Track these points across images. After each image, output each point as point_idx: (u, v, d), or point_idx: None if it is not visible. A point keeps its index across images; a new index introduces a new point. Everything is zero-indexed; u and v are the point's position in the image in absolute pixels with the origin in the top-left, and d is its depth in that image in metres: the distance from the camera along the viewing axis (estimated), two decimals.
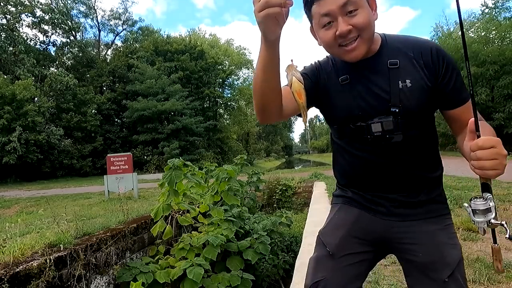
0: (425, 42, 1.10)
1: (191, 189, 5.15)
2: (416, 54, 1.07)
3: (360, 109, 1.10)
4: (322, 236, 1.27)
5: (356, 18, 0.99)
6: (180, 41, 32.16)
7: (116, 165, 8.19)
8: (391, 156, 1.11)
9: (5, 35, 21.91)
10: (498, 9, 22.13)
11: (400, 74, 1.06)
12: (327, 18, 1.01)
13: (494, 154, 0.85)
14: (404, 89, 1.05)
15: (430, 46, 1.07)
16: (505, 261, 2.64)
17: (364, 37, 1.02)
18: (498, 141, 0.86)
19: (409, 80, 1.05)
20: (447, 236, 1.12)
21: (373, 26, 1.03)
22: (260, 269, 5.06)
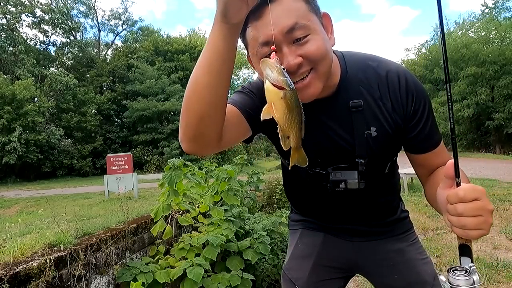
0: (393, 71, 0.86)
1: (191, 189, 5.15)
2: (382, 91, 0.85)
3: (318, 155, 0.91)
4: (288, 272, 1.20)
5: (307, 47, 0.74)
6: (180, 41, 32.16)
7: (116, 165, 8.20)
8: (353, 199, 0.99)
9: (5, 35, 21.90)
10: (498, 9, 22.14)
11: (364, 120, 0.86)
12: (267, 48, 0.74)
13: (478, 209, 0.65)
14: (369, 139, 0.87)
15: (399, 78, 0.85)
16: (505, 261, 2.64)
17: (319, 71, 0.76)
18: (482, 191, 0.66)
19: (375, 128, 0.86)
20: (417, 252, 1.09)
21: (330, 56, 0.78)
22: (260, 269, 5.06)
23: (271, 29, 0.71)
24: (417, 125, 0.87)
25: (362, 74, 0.87)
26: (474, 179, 7.34)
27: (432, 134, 0.88)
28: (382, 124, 0.87)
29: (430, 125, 0.88)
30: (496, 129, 19.83)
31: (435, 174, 0.89)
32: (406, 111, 0.86)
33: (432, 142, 0.89)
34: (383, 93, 0.86)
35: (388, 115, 0.86)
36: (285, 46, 0.73)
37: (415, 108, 0.85)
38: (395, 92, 0.85)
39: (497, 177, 7.60)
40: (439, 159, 0.88)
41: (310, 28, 0.74)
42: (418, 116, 0.86)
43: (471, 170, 9.57)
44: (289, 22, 0.71)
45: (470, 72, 18.71)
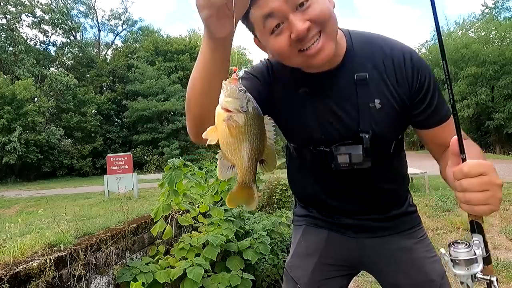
0: (397, 48, 0.88)
1: (191, 189, 5.15)
2: (388, 66, 0.86)
3: (322, 132, 0.90)
4: (290, 270, 1.13)
5: (312, 10, 0.73)
6: (180, 41, 32.16)
7: (116, 165, 8.20)
8: (357, 181, 0.97)
9: (5, 35, 21.91)
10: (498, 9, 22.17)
11: (369, 92, 0.86)
12: (273, 20, 0.74)
13: (484, 184, 0.63)
14: (373, 111, 0.86)
15: (403, 55, 0.86)
16: (505, 261, 2.64)
17: (328, 31, 0.76)
18: (489, 166, 0.65)
19: (379, 100, 0.85)
20: (424, 250, 1.05)
21: (334, 15, 0.78)
22: (260, 269, 5.06)
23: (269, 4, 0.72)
24: (423, 100, 0.87)
25: (368, 49, 0.87)
26: None
27: (439, 108, 0.88)
28: (387, 97, 0.86)
29: (437, 99, 0.87)
30: (496, 129, 19.84)
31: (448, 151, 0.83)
32: (411, 87, 0.86)
33: (440, 116, 0.88)
34: (388, 68, 0.86)
35: (393, 89, 0.86)
36: (290, 14, 0.73)
37: (420, 83, 0.86)
38: (401, 67, 0.86)
39: None
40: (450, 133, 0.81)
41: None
42: (424, 91, 0.86)
43: None
44: None
45: (470, 72, 18.72)
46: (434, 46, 23.89)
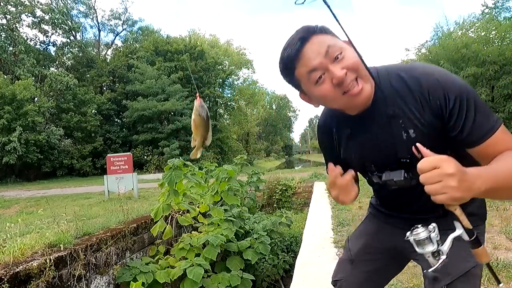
0: (425, 77, 0.94)
1: (191, 189, 5.14)
2: (414, 98, 0.94)
3: (371, 162, 1.06)
4: (349, 241, 1.36)
5: (346, 60, 0.91)
6: (180, 41, 32.16)
7: (116, 165, 8.20)
8: (414, 194, 1.05)
9: (5, 35, 21.91)
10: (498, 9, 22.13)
11: (402, 124, 0.96)
12: (316, 73, 0.92)
13: (436, 176, 0.74)
14: (409, 140, 0.95)
15: (433, 83, 0.91)
16: (505, 261, 2.64)
17: (362, 76, 0.92)
18: (440, 159, 0.75)
19: (412, 130, 0.95)
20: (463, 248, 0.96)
21: (362, 65, 0.93)
22: (260, 269, 5.06)
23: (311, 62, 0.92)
24: (457, 123, 0.90)
25: (394, 84, 0.97)
26: None
27: (478, 126, 0.89)
28: (417, 126, 0.94)
29: (474, 118, 0.89)
30: None
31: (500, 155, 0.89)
32: (441, 112, 0.91)
33: (481, 134, 0.89)
34: (415, 100, 0.94)
35: (421, 117, 0.94)
36: (330, 65, 0.91)
37: (449, 108, 0.90)
38: (426, 98, 0.92)
39: None
40: (499, 147, 0.87)
41: (341, 47, 0.92)
42: (456, 114, 0.89)
43: None
44: (323, 49, 0.91)
45: (470, 72, 18.68)
46: (434, 46, 23.88)
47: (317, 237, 3.83)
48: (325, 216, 4.90)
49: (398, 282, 2.48)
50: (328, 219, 4.62)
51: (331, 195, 1.09)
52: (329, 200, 6.26)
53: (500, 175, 0.82)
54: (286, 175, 10.59)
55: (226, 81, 37.79)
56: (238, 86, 39.66)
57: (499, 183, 0.82)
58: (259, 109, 50.22)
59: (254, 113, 48.46)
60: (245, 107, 41.78)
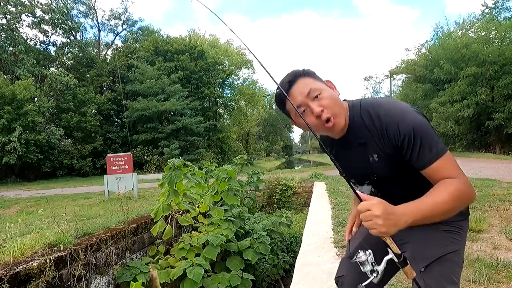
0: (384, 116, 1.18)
1: (191, 189, 5.15)
2: (376, 130, 1.20)
3: (351, 176, 1.31)
4: (350, 240, 1.52)
5: (323, 100, 1.19)
6: (180, 41, 32.14)
7: (116, 165, 8.19)
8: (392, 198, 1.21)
9: (5, 35, 21.91)
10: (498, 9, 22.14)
11: (368, 150, 1.24)
12: (301, 108, 1.21)
13: (368, 216, 1.00)
14: (374, 162, 1.24)
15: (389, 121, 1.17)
16: (505, 261, 2.64)
17: (335, 113, 1.20)
18: (372, 204, 1.01)
19: (376, 155, 1.23)
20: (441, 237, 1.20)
21: (339, 100, 1.24)
22: (260, 269, 5.06)
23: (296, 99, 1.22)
24: (407, 153, 1.15)
25: (363, 118, 1.23)
26: (474, 179, 7.33)
27: (422, 156, 1.13)
28: (379, 152, 1.22)
29: (419, 150, 1.13)
30: (496, 129, 19.81)
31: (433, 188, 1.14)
32: (395, 143, 1.16)
33: (424, 162, 1.13)
34: (377, 133, 1.20)
35: (382, 146, 1.20)
36: (310, 102, 1.20)
37: (400, 141, 1.15)
38: (382, 130, 1.18)
39: (497, 177, 7.60)
40: (440, 173, 1.12)
41: (320, 89, 1.21)
42: (406, 146, 1.14)
43: (471, 170, 9.56)
44: (306, 90, 1.20)
45: (470, 72, 18.69)
46: (434, 46, 23.87)
47: (317, 237, 3.83)
48: (325, 216, 4.90)
49: (398, 282, 2.49)
50: (328, 219, 4.62)
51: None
52: (329, 200, 6.26)
53: (425, 208, 1.06)
54: (286, 175, 10.58)
55: (226, 81, 37.78)
56: (238, 86, 39.64)
57: (424, 215, 1.06)
58: (259, 109, 50.17)
59: (254, 113, 48.44)
60: (245, 107, 41.76)
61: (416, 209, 1.06)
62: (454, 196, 1.08)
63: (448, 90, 20.15)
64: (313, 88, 1.20)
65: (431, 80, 23.00)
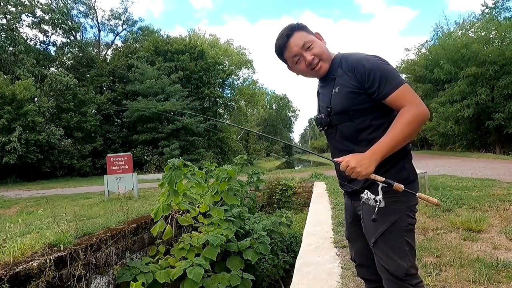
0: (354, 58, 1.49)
1: (191, 189, 5.15)
2: (347, 67, 1.49)
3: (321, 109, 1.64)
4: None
5: (313, 50, 1.52)
6: (180, 41, 32.14)
7: (116, 165, 8.19)
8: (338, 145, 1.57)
9: (5, 35, 21.90)
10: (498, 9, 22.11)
11: (334, 83, 1.53)
12: (296, 57, 1.55)
13: (349, 170, 1.38)
14: (335, 94, 1.52)
15: (355, 60, 1.47)
16: (505, 261, 2.64)
17: (323, 59, 1.54)
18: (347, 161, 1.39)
19: (338, 88, 1.51)
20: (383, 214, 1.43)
21: (326, 50, 1.56)
22: (260, 269, 5.06)
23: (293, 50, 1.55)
24: (372, 86, 1.41)
25: (340, 62, 1.54)
26: (474, 179, 7.34)
27: (384, 87, 1.40)
28: (343, 85, 1.49)
29: (380, 83, 1.40)
30: (496, 129, 19.80)
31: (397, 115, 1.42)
32: (361, 79, 1.43)
33: (385, 92, 1.39)
34: (347, 68, 1.49)
35: (348, 79, 1.47)
36: (304, 53, 1.53)
37: (366, 76, 1.42)
38: (352, 68, 1.46)
39: (497, 177, 7.59)
40: (400, 102, 1.39)
41: (311, 41, 1.53)
42: (371, 81, 1.41)
43: (471, 170, 9.56)
44: (301, 42, 1.53)
45: (470, 72, 18.68)
46: (434, 47, 23.86)
47: (317, 237, 3.83)
48: (325, 216, 4.90)
49: None
50: (328, 219, 4.62)
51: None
52: (329, 200, 6.26)
53: (388, 142, 1.35)
54: (286, 175, 10.58)
55: (226, 81, 37.77)
56: (238, 86, 39.64)
57: (389, 147, 1.35)
58: (259, 109, 50.20)
59: (254, 113, 48.44)
60: (245, 107, 41.76)
61: (380, 146, 1.36)
62: (408, 121, 1.34)
63: (448, 90, 20.14)
64: (306, 40, 1.52)
65: (431, 80, 23.00)
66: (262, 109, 52.76)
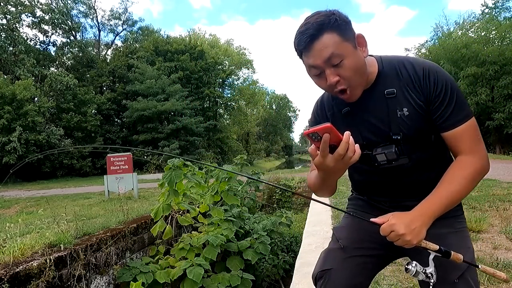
0: (419, 66, 1.08)
1: (191, 189, 5.15)
2: (411, 81, 1.07)
3: (364, 138, 1.13)
4: (335, 231, 1.33)
5: (343, 70, 1.01)
6: (180, 41, 32.17)
7: (116, 165, 8.18)
8: (401, 177, 1.16)
9: (5, 35, 21.90)
10: (498, 9, 22.13)
11: (397, 103, 1.08)
12: (315, 70, 1.04)
13: (394, 236, 1.00)
14: (403, 117, 1.08)
15: (423, 69, 1.07)
16: (505, 261, 2.64)
17: (353, 85, 1.04)
18: (391, 225, 1.00)
19: (406, 109, 1.07)
20: (459, 239, 1.12)
21: (363, 68, 1.05)
22: (260, 269, 5.06)
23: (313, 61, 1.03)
24: (441, 105, 1.05)
25: (395, 68, 1.10)
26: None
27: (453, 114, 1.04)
28: (413, 105, 1.07)
29: (453, 107, 1.04)
30: (496, 129, 19.82)
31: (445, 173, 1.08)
32: (429, 94, 1.05)
33: (453, 121, 1.04)
34: (411, 81, 1.07)
35: (416, 98, 1.07)
36: (327, 69, 1.02)
37: (436, 92, 1.04)
38: (420, 80, 1.06)
39: (497, 177, 7.59)
40: (461, 143, 1.04)
41: (343, 54, 1.00)
42: (440, 100, 1.04)
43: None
44: (326, 54, 1.00)
45: (470, 72, 18.71)
46: (434, 46, 23.88)
47: (317, 237, 3.82)
48: (325, 216, 4.90)
49: (398, 282, 2.48)
50: (328, 219, 4.62)
51: (321, 174, 1.05)
52: (328, 200, 6.26)
53: (442, 201, 1.03)
54: (286, 175, 10.58)
55: (226, 81, 37.80)
56: (238, 86, 39.66)
57: (442, 207, 1.03)
58: (259, 109, 50.24)
59: (254, 113, 48.46)
60: (245, 107, 41.79)
61: (433, 205, 1.03)
62: (469, 179, 1.04)
63: None
64: (335, 53, 0.99)
65: None
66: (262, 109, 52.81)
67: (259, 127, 52.96)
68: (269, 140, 65.76)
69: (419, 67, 1.08)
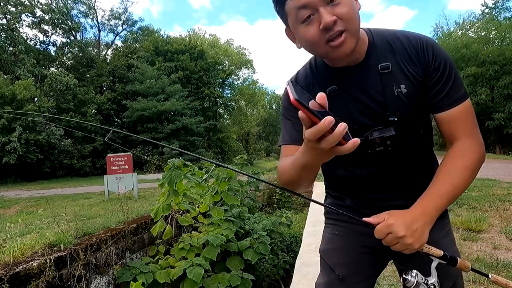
0: (415, 38, 0.96)
1: (191, 189, 5.14)
2: (407, 54, 0.94)
3: (355, 122, 0.96)
4: (325, 257, 1.14)
5: (340, 8, 0.83)
6: (180, 41, 32.16)
7: (116, 165, 8.19)
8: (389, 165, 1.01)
9: (5, 35, 21.89)
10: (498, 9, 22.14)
11: (393, 79, 0.93)
12: (305, 11, 0.84)
13: (393, 239, 0.85)
14: (400, 96, 0.93)
15: (419, 42, 0.95)
16: (505, 261, 2.64)
17: (350, 30, 0.85)
18: (389, 226, 0.85)
19: (404, 86, 0.93)
20: (449, 244, 1.04)
21: (358, 17, 0.88)
22: (260, 269, 5.06)
23: None
24: (438, 82, 0.93)
25: (388, 41, 0.96)
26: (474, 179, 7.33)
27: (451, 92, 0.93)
28: (411, 80, 0.94)
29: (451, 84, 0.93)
30: (496, 129, 19.82)
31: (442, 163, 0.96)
32: (427, 67, 0.93)
33: (451, 100, 0.93)
34: (407, 54, 0.94)
35: (414, 72, 0.94)
36: (321, 7, 0.83)
37: (434, 66, 0.92)
38: (418, 52, 0.94)
39: (497, 177, 7.59)
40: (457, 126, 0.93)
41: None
42: (438, 75, 0.92)
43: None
44: None
45: (470, 72, 18.72)
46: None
47: (317, 237, 3.82)
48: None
49: (398, 282, 2.48)
50: None
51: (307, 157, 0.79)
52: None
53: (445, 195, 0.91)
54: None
55: (226, 81, 37.79)
56: (238, 86, 39.65)
57: (446, 202, 0.91)
58: (259, 109, 50.21)
59: (254, 113, 48.45)
60: (245, 107, 41.78)
61: (434, 201, 0.90)
62: (472, 169, 0.93)
63: None
64: None
65: None
66: (262, 109, 52.78)
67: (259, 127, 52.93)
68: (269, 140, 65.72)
69: (414, 39, 0.95)
